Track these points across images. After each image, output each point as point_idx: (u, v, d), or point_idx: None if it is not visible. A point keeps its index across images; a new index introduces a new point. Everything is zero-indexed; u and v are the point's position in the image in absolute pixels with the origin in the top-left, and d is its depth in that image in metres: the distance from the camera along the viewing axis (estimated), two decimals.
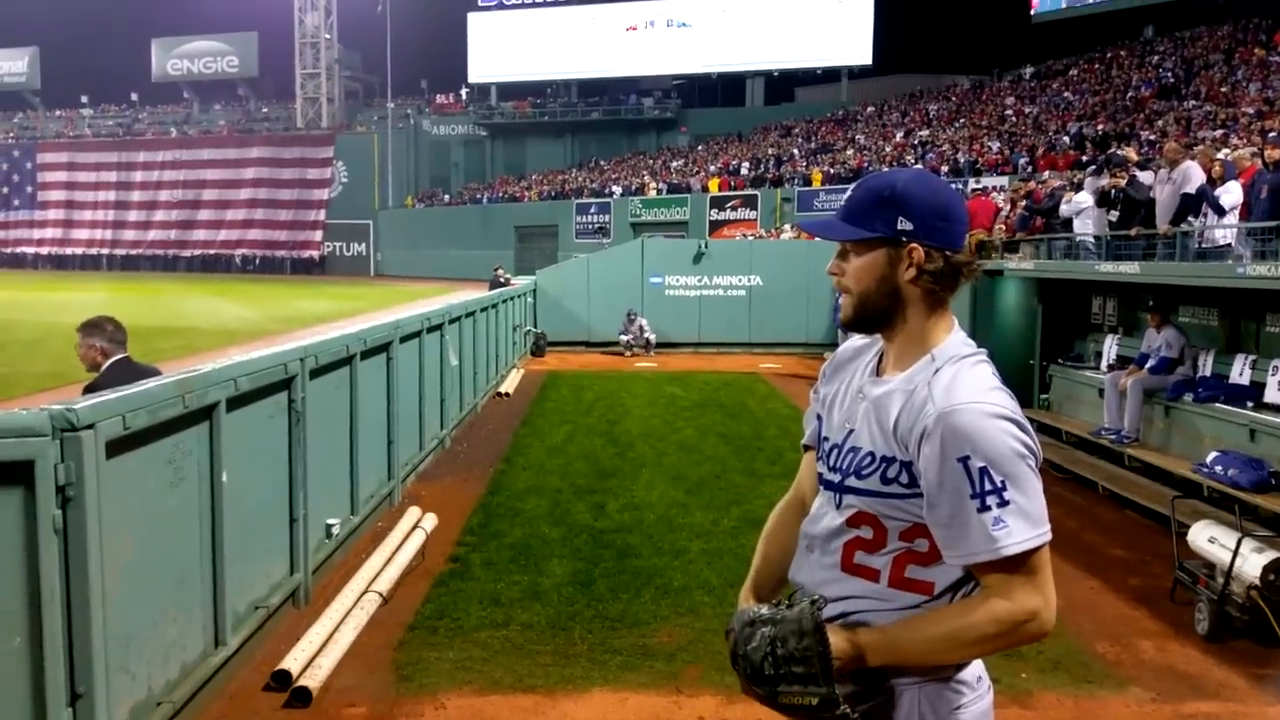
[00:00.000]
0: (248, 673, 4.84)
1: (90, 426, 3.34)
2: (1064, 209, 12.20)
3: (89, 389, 4.62)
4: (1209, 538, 5.85)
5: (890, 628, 1.85)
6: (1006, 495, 1.71)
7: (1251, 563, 5.40)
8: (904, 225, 1.87)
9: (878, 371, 1.98)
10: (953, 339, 1.92)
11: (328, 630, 5.21)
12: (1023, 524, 1.71)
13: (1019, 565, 1.73)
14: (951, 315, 1.96)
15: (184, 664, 4.28)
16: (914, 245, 1.87)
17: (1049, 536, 1.75)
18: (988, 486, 1.71)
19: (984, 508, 1.71)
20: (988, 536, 1.72)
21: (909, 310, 1.91)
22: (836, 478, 1.96)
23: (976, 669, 1.92)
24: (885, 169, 37.76)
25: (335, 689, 4.73)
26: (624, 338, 20.78)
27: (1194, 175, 9.75)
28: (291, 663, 4.77)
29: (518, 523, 7.74)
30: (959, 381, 1.81)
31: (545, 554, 6.92)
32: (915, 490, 1.82)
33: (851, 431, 1.95)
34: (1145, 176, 10.98)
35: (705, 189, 45.40)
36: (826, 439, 2.03)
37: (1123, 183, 10.81)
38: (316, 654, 4.93)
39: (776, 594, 2.15)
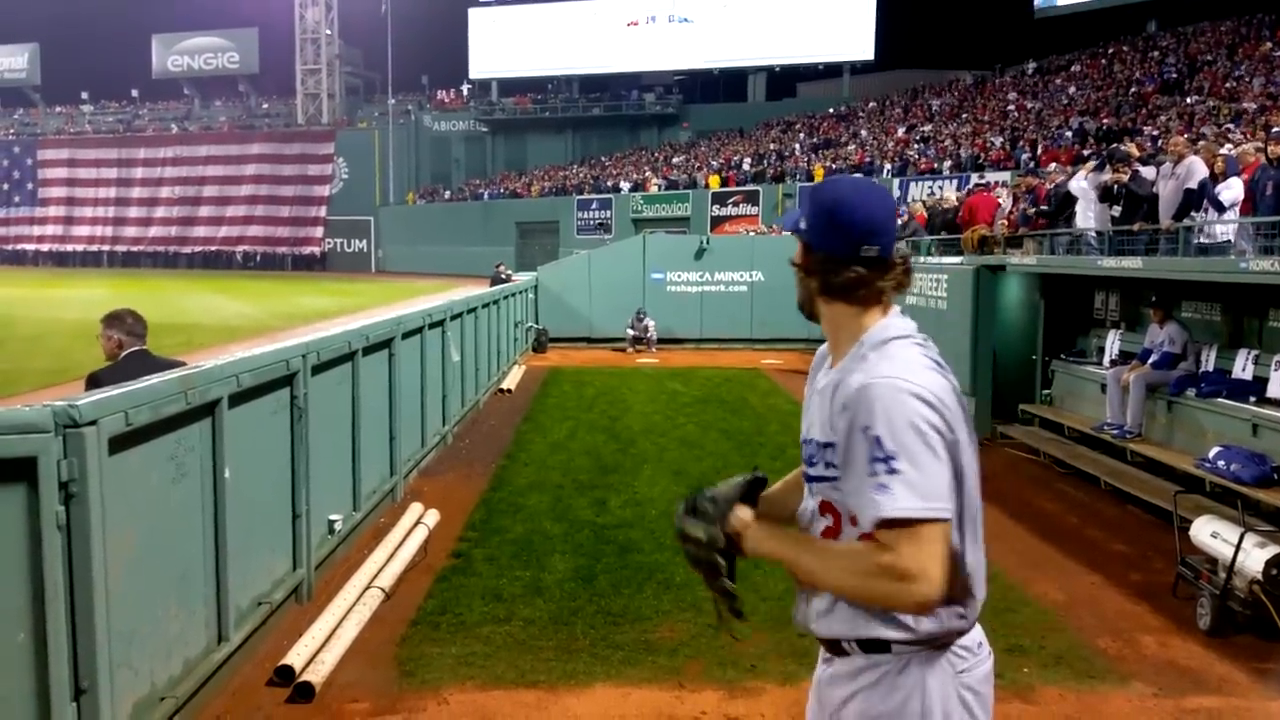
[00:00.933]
0: (251, 668, 4.85)
1: (93, 423, 3.34)
2: (1072, 185, 12.13)
3: (91, 377, 4.62)
4: (1211, 533, 5.85)
5: (786, 530, 2.06)
6: (895, 465, 1.78)
7: (1254, 558, 5.40)
8: (802, 224, 2.02)
9: (832, 366, 2.09)
10: (884, 322, 1.99)
11: (330, 626, 5.22)
12: (907, 493, 1.76)
13: (904, 533, 1.77)
14: (883, 304, 2.02)
15: (187, 659, 4.29)
16: (805, 242, 2.03)
17: (942, 515, 1.79)
18: (879, 455, 1.80)
19: (873, 473, 1.80)
20: (872, 500, 1.80)
21: (818, 302, 2.05)
22: (806, 470, 2.07)
23: (977, 635, 2.00)
24: (886, 164, 37.26)
25: (338, 684, 4.74)
26: (630, 332, 20.78)
27: (1197, 170, 9.71)
28: (294, 658, 4.78)
29: (519, 518, 7.75)
30: (881, 360, 1.91)
31: (547, 549, 6.92)
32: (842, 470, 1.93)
33: (810, 425, 2.07)
34: (1148, 172, 10.94)
35: (706, 185, 45.39)
36: (803, 434, 2.12)
37: (1125, 178, 10.77)
38: (319, 649, 4.93)
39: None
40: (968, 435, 1.93)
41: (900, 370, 1.86)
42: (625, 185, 49.53)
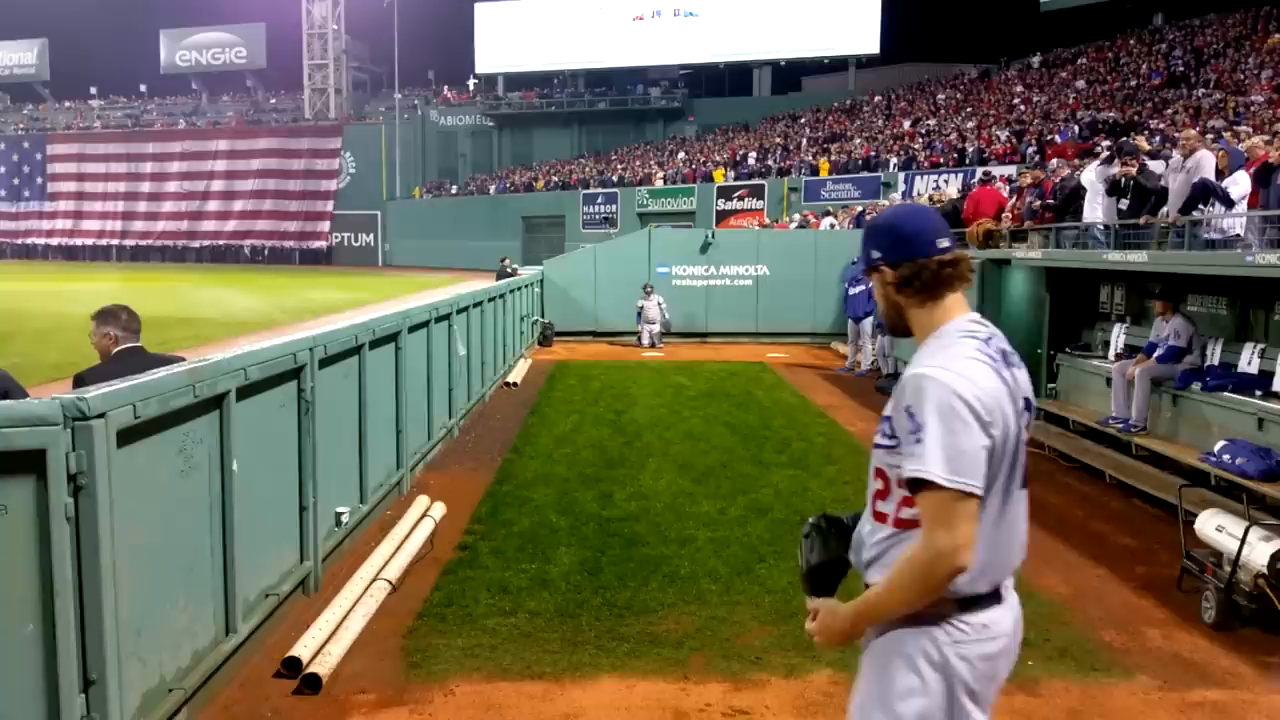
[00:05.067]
0: (258, 660, 4.88)
1: (101, 415, 3.35)
2: (1083, 177, 12.10)
3: (78, 377, 4.57)
4: (1216, 526, 5.85)
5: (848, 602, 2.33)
6: (924, 434, 2.09)
7: (1259, 551, 5.40)
8: (874, 255, 2.40)
9: None
10: (950, 325, 2.30)
11: (337, 618, 5.25)
12: (938, 459, 2.06)
13: (935, 501, 2.08)
14: (954, 303, 2.35)
15: (195, 651, 4.31)
16: (884, 267, 2.38)
17: (970, 488, 2.07)
18: (913, 426, 2.12)
19: (916, 441, 2.11)
20: (910, 458, 2.12)
21: (908, 314, 2.39)
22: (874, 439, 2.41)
23: (987, 616, 2.24)
24: (891, 158, 37.10)
25: (345, 676, 4.77)
26: (643, 319, 20.61)
27: (1206, 163, 9.68)
28: (302, 650, 4.80)
29: (526, 511, 7.76)
30: (927, 354, 2.25)
31: (553, 542, 6.94)
32: (898, 441, 2.21)
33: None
34: (1156, 165, 10.92)
35: (710, 178, 45.33)
36: None
37: (1133, 171, 10.74)
38: (326, 641, 4.96)
39: None
40: (1002, 430, 2.15)
41: (941, 362, 2.18)
42: (658, 173, 49.34)
